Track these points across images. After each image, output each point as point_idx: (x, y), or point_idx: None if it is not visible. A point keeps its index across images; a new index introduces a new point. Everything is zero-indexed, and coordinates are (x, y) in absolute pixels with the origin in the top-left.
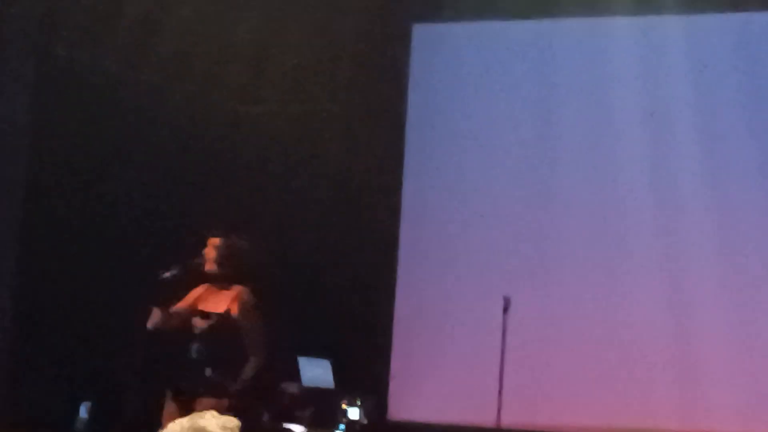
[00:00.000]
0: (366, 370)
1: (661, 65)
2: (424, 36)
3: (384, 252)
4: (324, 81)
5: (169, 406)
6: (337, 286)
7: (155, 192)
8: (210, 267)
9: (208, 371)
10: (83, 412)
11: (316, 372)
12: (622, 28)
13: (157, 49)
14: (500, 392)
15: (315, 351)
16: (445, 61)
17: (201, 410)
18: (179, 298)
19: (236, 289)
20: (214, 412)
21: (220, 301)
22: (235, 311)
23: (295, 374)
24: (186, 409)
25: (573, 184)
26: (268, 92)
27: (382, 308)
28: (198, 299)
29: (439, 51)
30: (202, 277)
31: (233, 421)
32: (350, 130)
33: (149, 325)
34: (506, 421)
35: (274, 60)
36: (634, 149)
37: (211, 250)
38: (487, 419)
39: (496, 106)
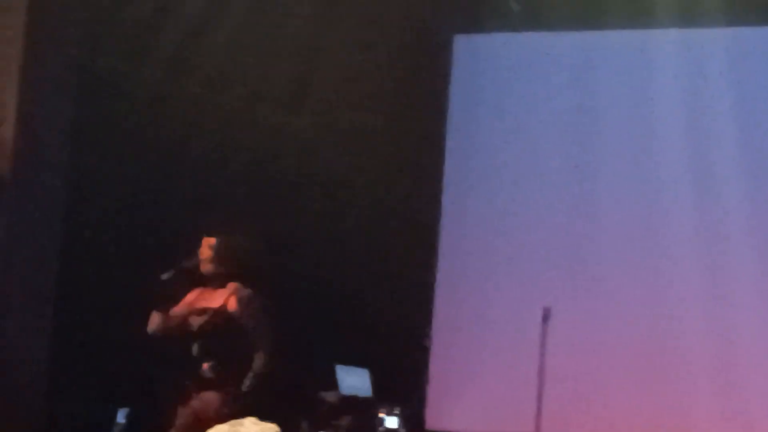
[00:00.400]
0: (404, 379)
1: (702, 77)
2: (466, 47)
3: (423, 261)
4: (365, 92)
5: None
6: (375, 295)
7: (197, 203)
8: (205, 267)
9: (206, 367)
10: (121, 417)
11: (355, 381)
12: (664, 40)
13: (201, 62)
14: (539, 403)
15: (353, 360)
16: (486, 72)
17: (201, 406)
18: (177, 301)
19: (231, 286)
20: (253, 419)
21: (216, 298)
22: (232, 306)
23: (333, 383)
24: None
25: (614, 194)
26: (310, 104)
27: (420, 317)
28: (195, 300)
29: (480, 62)
30: (198, 278)
31: (273, 428)
32: (391, 141)
33: (149, 329)
34: (546, 431)
35: (316, 72)
36: (676, 159)
37: (206, 249)
38: (526, 430)
39: (537, 117)
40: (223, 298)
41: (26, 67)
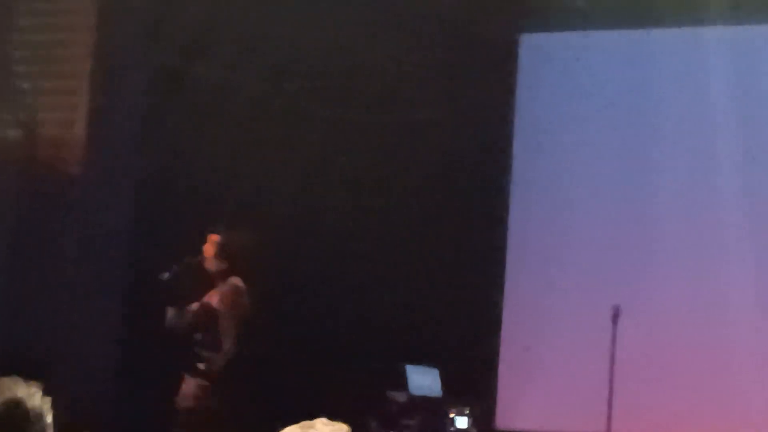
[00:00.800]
0: (474, 379)
1: (761, 74)
2: (532, 46)
3: (491, 260)
4: (431, 91)
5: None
6: (444, 295)
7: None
8: (209, 264)
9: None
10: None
11: (424, 380)
12: (723, 38)
13: (261, 59)
14: (610, 402)
15: (422, 359)
16: (553, 71)
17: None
18: (190, 296)
19: (230, 282)
20: (324, 420)
21: (215, 294)
22: (225, 301)
23: (402, 383)
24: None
25: (681, 191)
26: (373, 102)
27: (489, 316)
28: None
29: (546, 61)
30: (203, 275)
31: (344, 428)
32: (457, 140)
33: (166, 324)
34: (617, 431)
35: (379, 69)
36: (738, 156)
37: (210, 246)
38: (598, 429)
39: (604, 116)
40: (220, 294)
41: (95, 70)
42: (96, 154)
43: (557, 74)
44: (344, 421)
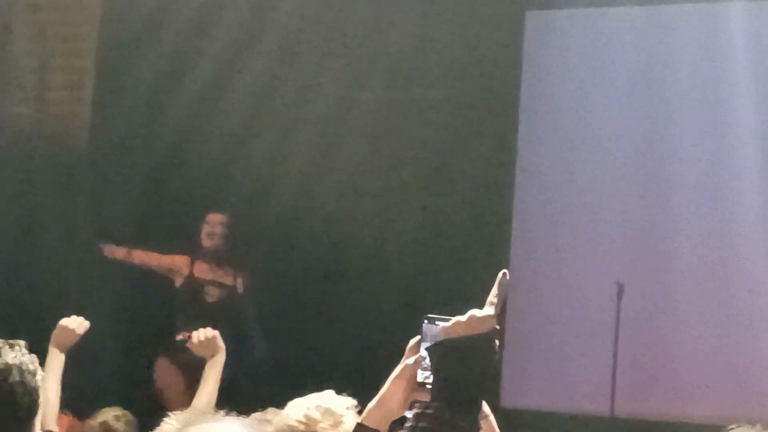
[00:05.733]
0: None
1: None
2: (538, 23)
3: (497, 239)
4: (435, 67)
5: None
6: (448, 275)
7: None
8: (208, 243)
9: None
10: None
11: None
12: (736, 12)
13: (268, 40)
14: (614, 380)
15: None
16: (559, 47)
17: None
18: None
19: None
20: (332, 392)
21: (226, 275)
22: (240, 287)
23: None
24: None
25: (686, 169)
26: (378, 78)
27: None
28: (205, 271)
29: (552, 38)
30: (199, 252)
31: (351, 401)
32: (462, 117)
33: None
34: (620, 409)
35: (384, 46)
36: (750, 135)
37: (210, 226)
38: (601, 408)
39: (610, 92)
40: (231, 276)
41: (102, 48)
42: (101, 134)
43: (563, 51)
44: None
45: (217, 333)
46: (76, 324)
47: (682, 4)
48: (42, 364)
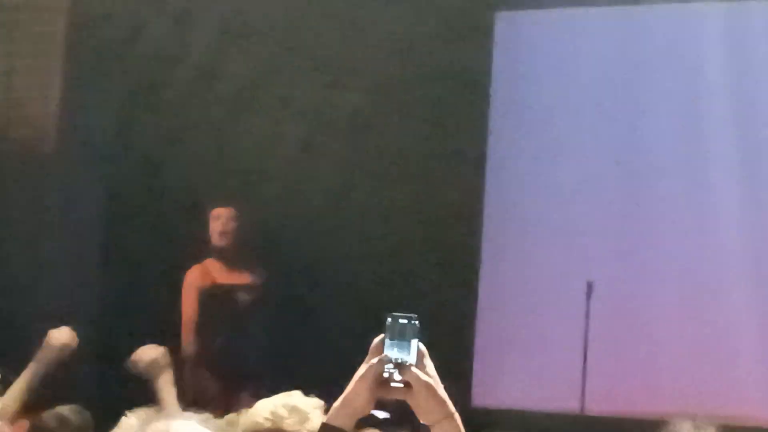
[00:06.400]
0: (449, 357)
1: (752, 51)
2: (508, 24)
3: (467, 236)
4: (404, 70)
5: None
6: (419, 272)
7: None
8: (218, 241)
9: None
10: None
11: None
12: (710, 13)
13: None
14: (584, 378)
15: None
16: (529, 48)
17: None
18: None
19: (249, 262)
20: (299, 392)
21: (244, 274)
22: (256, 284)
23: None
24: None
25: (657, 166)
26: (346, 81)
27: (464, 294)
28: (224, 275)
29: (522, 39)
30: (208, 252)
31: (319, 402)
32: (433, 119)
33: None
34: (591, 407)
35: (352, 50)
36: (722, 136)
37: (216, 222)
38: (572, 406)
39: (581, 93)
40: (248, 274)
41: (70, 45)
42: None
43: (533, 52)
44: (319, 394)
45: (163, 350)
46: (64, 336)
47: (653, 4)
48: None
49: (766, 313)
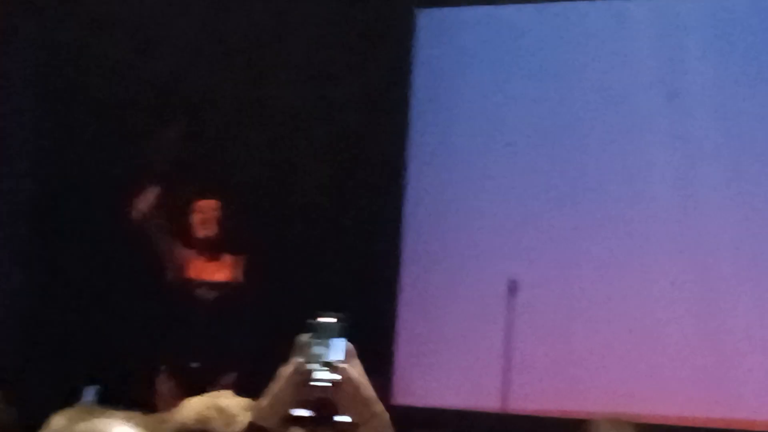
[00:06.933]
0: (370, 355)
1: (678, 46)
2: (429, 21)
3: (388, 235)
4: (325, 68)
5: (164, 383)
6: (340, 268)
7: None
8: (202, 232)
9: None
10: (88, 395)
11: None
12: (634, 9)
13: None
14: (506, 377)
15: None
16: (451, 46)
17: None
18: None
19: (229, 258)
20: (230, 392)
21: (221, 269)
22: (238, 280)
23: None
24: (186, 386)
25: (583, 162)
26: (270, 79)
27: (386, 291)
28: (200, 270)
29: (444, 37)
30: (192, 244)
31: (248, 401)
32: (353, 117)
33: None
34: (513, 406)
35: (276, 48)
36: (655, 128)
37: (200, 214)
38: (494, 404)
39: (504, 91)
40: (228, 270)
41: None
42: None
43: (455, 49)
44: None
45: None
46: None
47: (579, 1)
48: None
49: (689, 309)
